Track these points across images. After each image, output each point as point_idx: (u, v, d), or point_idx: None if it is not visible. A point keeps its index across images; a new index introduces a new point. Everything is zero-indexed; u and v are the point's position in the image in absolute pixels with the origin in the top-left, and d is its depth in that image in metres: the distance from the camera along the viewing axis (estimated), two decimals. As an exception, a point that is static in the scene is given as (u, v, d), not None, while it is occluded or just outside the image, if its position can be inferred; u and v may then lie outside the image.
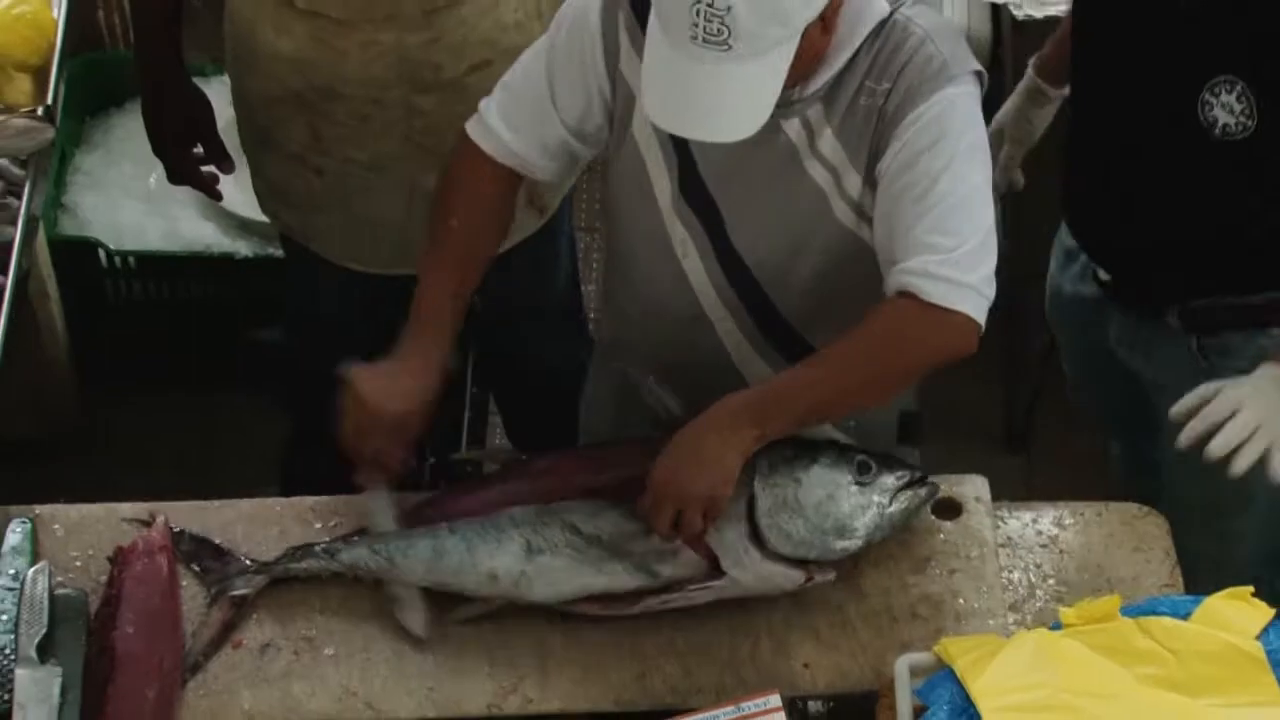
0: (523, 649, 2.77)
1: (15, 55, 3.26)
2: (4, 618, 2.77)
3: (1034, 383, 4.03)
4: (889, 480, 2.78)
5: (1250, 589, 2.45)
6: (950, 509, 2.89)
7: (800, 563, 2.75)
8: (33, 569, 2.81)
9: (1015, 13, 3.55)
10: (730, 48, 2.44)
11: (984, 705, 2.36)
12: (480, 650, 2.78)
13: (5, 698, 2.69)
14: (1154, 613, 2.45)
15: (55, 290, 3.89)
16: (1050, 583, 2.84)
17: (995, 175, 3.25)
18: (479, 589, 2.77)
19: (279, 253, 3.73)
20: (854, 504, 2.75)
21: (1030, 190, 3.31)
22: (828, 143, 2.67)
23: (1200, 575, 3.05)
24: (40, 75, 3.28)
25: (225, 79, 3.38)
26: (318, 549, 2.81)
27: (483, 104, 2.82)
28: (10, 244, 3.11)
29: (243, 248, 3.94)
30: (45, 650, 2.74)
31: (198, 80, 3.41)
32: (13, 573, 2.82)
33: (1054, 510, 2.93)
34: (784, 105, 2.61)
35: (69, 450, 3.82)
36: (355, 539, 2.82)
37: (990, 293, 2.63)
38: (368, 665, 2.77)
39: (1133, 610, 2.46)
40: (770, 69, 2.49)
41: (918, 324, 2.61)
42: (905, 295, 2.59)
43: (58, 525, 2.91)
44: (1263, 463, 2.75)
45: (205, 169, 3.46)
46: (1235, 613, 2.42)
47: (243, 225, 3.92)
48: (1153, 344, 3.12)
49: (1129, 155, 2.93)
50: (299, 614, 2.82)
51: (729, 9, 2.41)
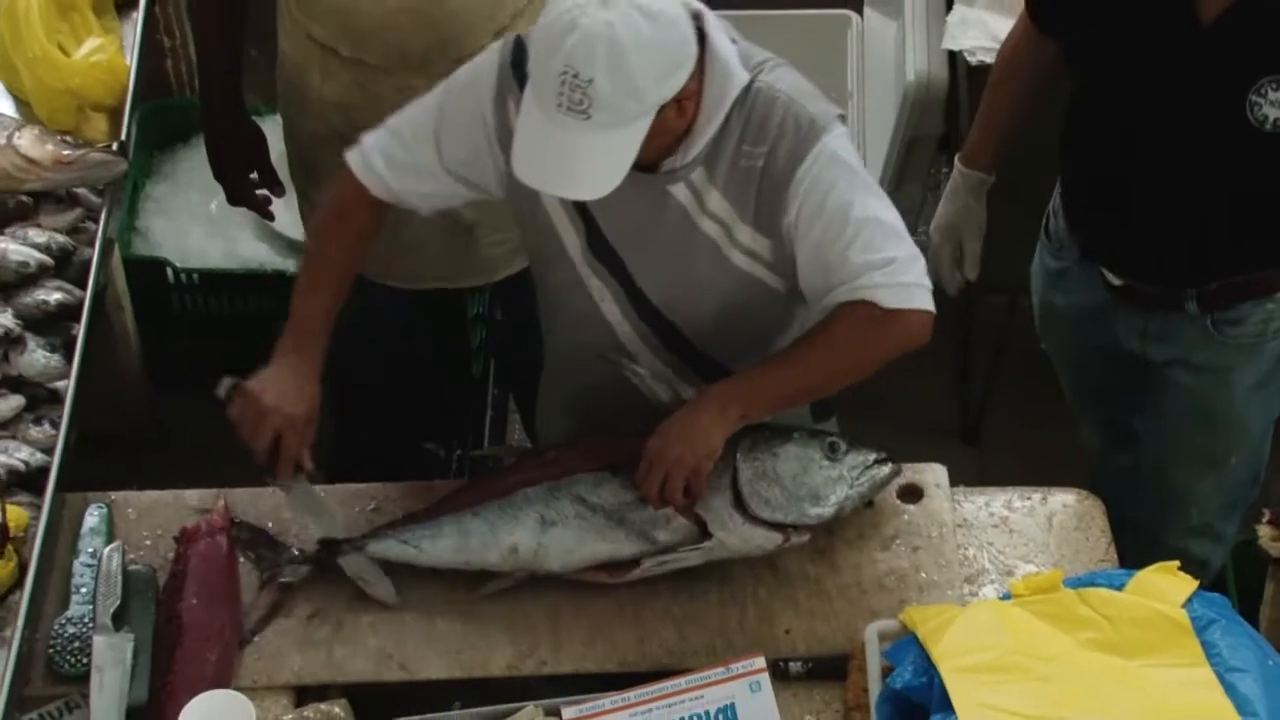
0: (537, 618, 2.78)
1: (92, 97, 3.27)
2: (83, 590, 2.78)
3: (985, 384, 4.02)
4: (856, 459, 2.79)
5: (1177, 563, 2.45)
6: (913, 494, 2.90)
7: (778, 526, 2.75)
8: (108, 548, 2.82)
9: (970, 59, 3.54)
10: (590, 117, 2.42)
11: (944, 666, 2.36)
12: (500, 620, 2.78)
13: (85, 661, 2.71)
14: (1092, 584, 2.45)
15: (129, 303, 3.90)
16: (1001, 558, 2.84)
17: (959, 270, 3.27)
18: (502, 563, 2.78)
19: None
20: (824, 476, 2.77)
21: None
22: (715, 201, 2.65)
23: (1178, 498, 3.29)
24: (115, 115, 3.29)
25: (277, 118, 3.39)
26: (351, 544, 2.82)
27: (367, 140, 2.79)
28: (89, 263, 3.11)
29: (292, 266, 3.93)
30: (119, 619, 2.75)
31: (254, 118, 3.42)
32: (91, 551, 2.83)
33: (1004, 495, 2.93)
34: (669, 173, 2.61)
35: (140, 444, 3.82)
36: (383, 531, 2.83)
37: (930, 284, 2.64)
38: (402, 632, 2.78)
39: (1073, 582, 2.46)
40: (625, 140, 2.46)
41: (880, 326, 2.61)
42: (863, 303, 2.59)
43: (130, 509, 2.92)
44: None
45: (260, 193, 3.47)
46: (1164, 584, 2.42)
47: (292, 246, 3.91)
48: (1167, 329, 3.08)
49: (1159, 161, 2.83)
50: (341, 587, 2.82)
51: (591, 81, 2.39)
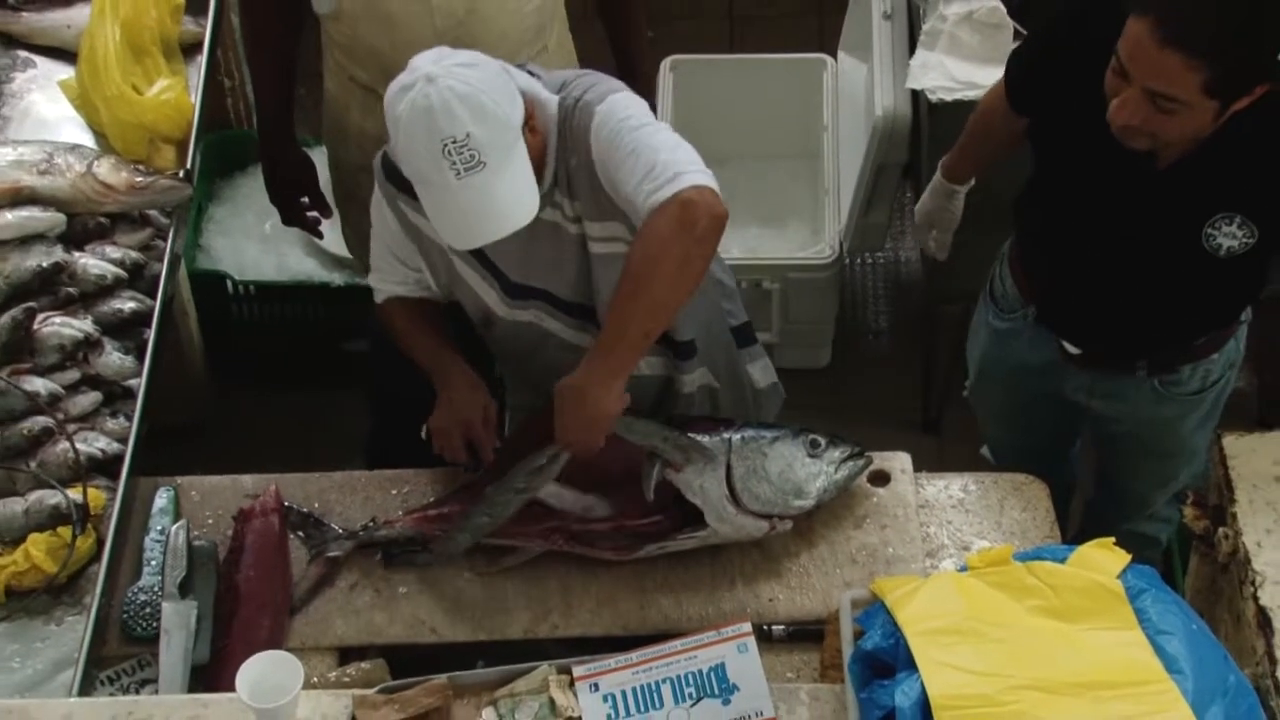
0: (551, 589, 2.78)
1: (162, 130, 3.27)
2: (153, 563, 2.78)
3: (944, 382, 4.02)
4: (834, 454, 2.79)
5: (1112, 540, 2.45)
6: (881, 478, 2.89)
7: (765, 516, 2.75)
8: (175, 526, 2.82)
9: (930, 97, 3.54)
10: (486, 165, 2.42)
11: (909, 629, 2.36)
12: (519, 590, 2.78)
13: (154, 625, 2.71)
14: (1038, 558, 2.45)
15: (193, 311, 3.90)
16: (959, 535, 2.83)
17: (930, 251, 3.26)
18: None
19: (363, 282, 3.73)
20: (807, 472, 2.76)
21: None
22: (572, 208, 2.65)
23: (1134, 498, 3.27)
24: (181, 146, 3.28)
25: (322, 149, 3.39)
26: (382, 527, 2.84)
27: (371, 276, 2.95)
28: (159, 276, 3.11)
29: (336, 278, 3.94)
30: (185, 588, 2.75)
31: (304, 149, 3.41)
32: (160, 528, 2.83)
33: (961, 479, 2.92)
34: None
35: (203, 434, 3.82)
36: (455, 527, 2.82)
37: (701, 165, 2.50)
38: (433, 600, 2.78)
39: (1021, 556, 2.46)
40: (520, 166, 2.48)
41: (675, 217, 2.43)
42: (649, 214, 2.46)
43: (194, 492, 2.92)
44: None
45: (310, 215, 3.47)
46: (1101, 558, 2.42)
47: (336, 261, 3.92)
48: (1117, 389, 3.04)
49: (1122, 275, 2.80)
50: (378, 562, 2.83)
51: (469, 136, 2.41)
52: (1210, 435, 3.10)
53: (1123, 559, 2.41)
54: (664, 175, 2.46)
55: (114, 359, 3.00)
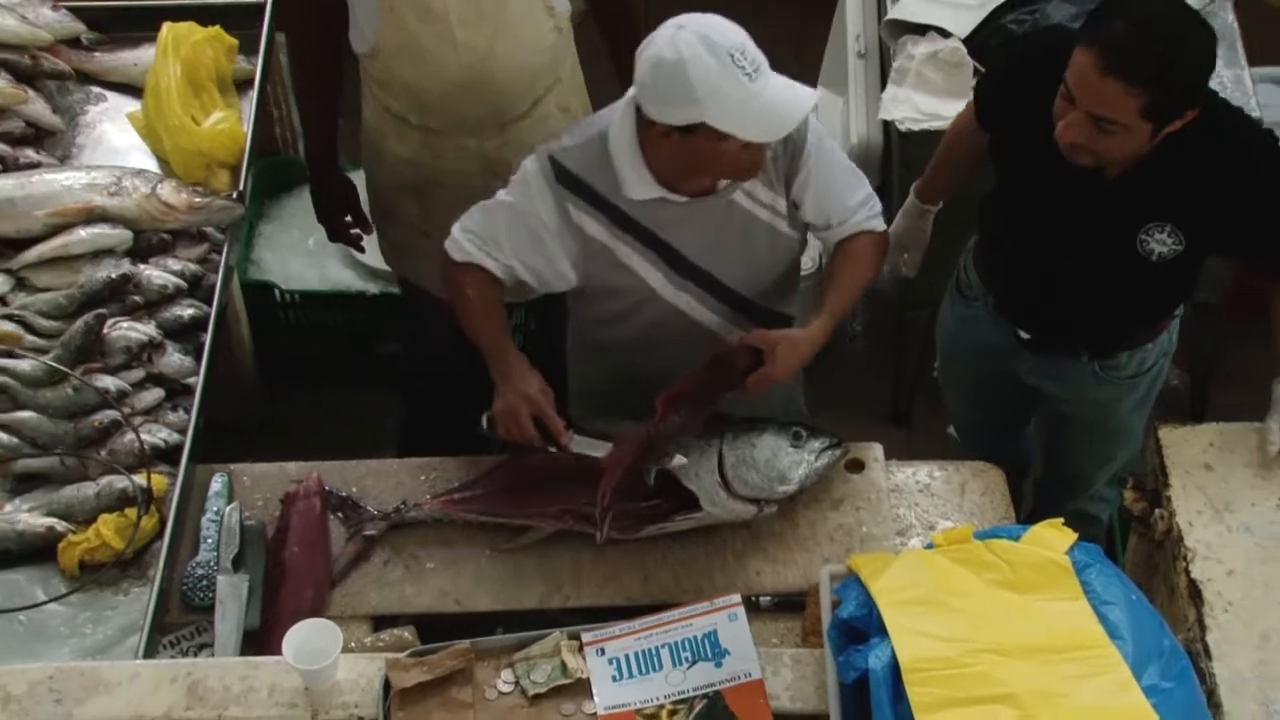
0: (563, 564, 2.78)
1: (218, 156, 3.27)
2: (209, 541, 2.78)
3: (912, 379, 4.01)
4: (815, 444, 2.79)
5: (1061, 520, 2.45)
6: (856, 465, 2.88)
7: (754, 500, 2.75)
8: (229, 508, 2.82)
9: (900, 128, 3.54)
10: (761, 66, 2.46)
11: (881, 600, 2.36)
12: (534, 565, 2.78)
13: (211, 595, 2.71)
14: (995, 536, 2.45)
15: (245, 317, 3.90)
16: (925, 516, 2.83)
17: (899, 271, 3.26)
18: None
19: (396, 291, 3.74)
20: (791, 460, 2.76)
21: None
22: (760, 191, 2.68)
23: (1079, 477, 3.27)
24: (235, 171, 3.28)
25: (361, 172, 3.39)
26: (412, 509, 2.82)
27: (456, 232, 2.76)
28: (214, 285, 3.11)
29: (371, 288, 3.94)
30: (237, 563, 2.75)
31: (346, 173, 3.41)
32: (215, 510, 2.83)
33: (927, 467, 2.92)
34: (728, 186, 2.64)
35: (253, 427, 3.82)
36: (428, 501, 2.83)
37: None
38: (457, 574, 2.77)
39: (980, 535, 2.46)
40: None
41: (883, 244, 2.82)
42: (866, 232, 2.77)
43: (245, 478, 2.92)
44: None
45: (352, 232, 3.47)
46: (1051, 536, 2.42)
47: (371, 273, 3.91)
48: (1063, 371, 3.05)
49: (1068, 274, 2.82)
50: (409, 539, 2.82)
51: (744, 44, 2.44)
52: (1145, 419, 3.14)
53: (1070, 537, 2.41)
54: (876, 209, 2.80)
55: (175, 359, 3.00)
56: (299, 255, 4.03)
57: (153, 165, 3.29)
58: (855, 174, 2.79)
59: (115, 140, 3.37)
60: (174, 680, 2.45)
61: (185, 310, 3.06)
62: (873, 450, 2.92)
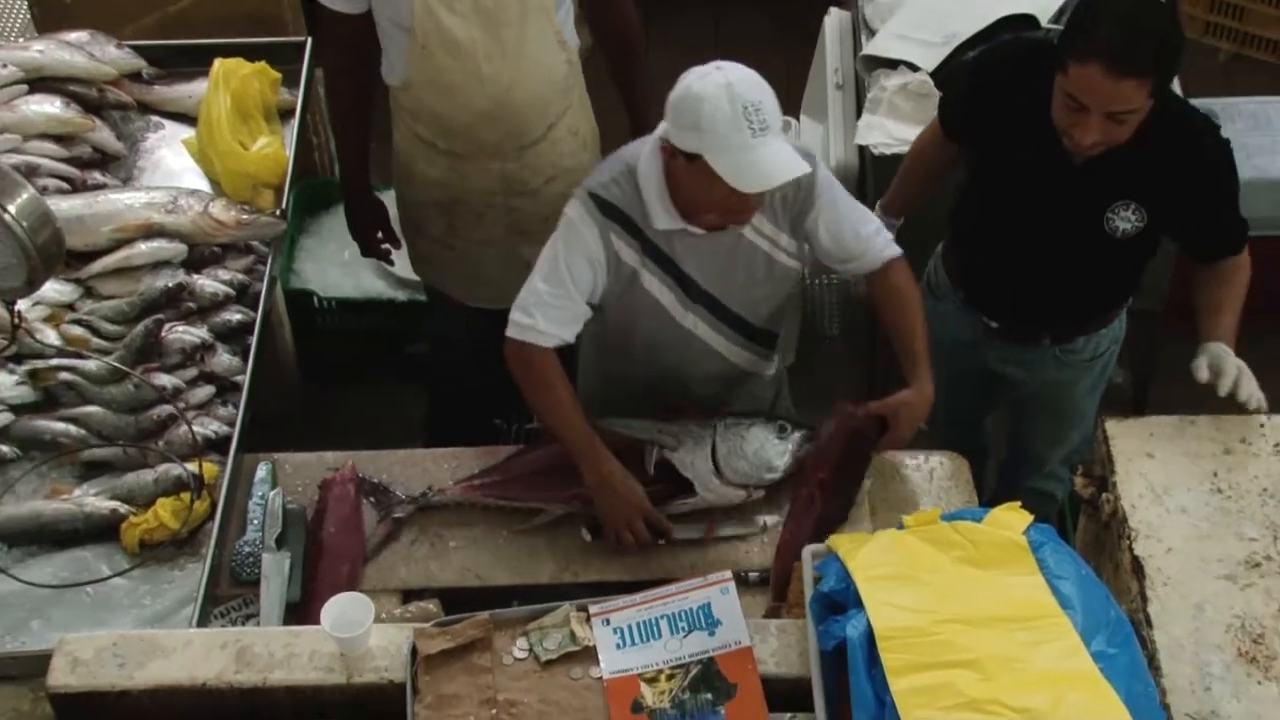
0: (572, 543, 2.77)
1: (263, 178, 3.27)
2: (255, 522, 2.78)
3: (885, 374, 3.99)
4: (798, 436, 2.78)
5: (1019, 503, 2.44)
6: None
7: (743, 486, 2.75)
8: (272, 493, 2.82)
9: (874, 152, 3.54)
10: (769, 129, 2.43)
11: (858, 575, 2.35)
12: (546, 544, 2.78)
13: (256, 571, 2.72)
14: (960, 518, 2.44)
15: (287, 321, 3.90)
16: (897, 500, 2.81)
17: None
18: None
19: (422, 298, 3.73)
20: (776, 450, 2.75)
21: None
22: (766, 226, 2.67)
23: (1036, 458, 3.27)
24: (278, 191, 3.28)
25: (391, 192, 3.38)
26: (436, 494, 2.82)
27: (523, 319, 2.65)
28: (260, 293, 3.11)
29: (400, 295, 3.93)
30: (280, 542, 2.76)
31: (378, 193, 3.41)
32: (260, 495, 2.83)
33: (898, 455, 2.90)
34: (740, 223, 2.62)
35: (294, 420, 3.81)
36: (451, 487, 2.82)
37: None
38: (478, 552, 2.77)
39: (947, 516, 2.45)
40: (785, 142, 2.50)
41: (908, 267, 2.78)
42: (893, 260, 2.76)
43: (287, 466, 2.91)
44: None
45: (384, 247, 3.45)
46: (1010, 518, 2.40)
47: (400, 282, 3.91)
48: (1027, 356, 3.07)
49: (1037, 255, 2.82)
50: (434, 521, 2.82)
51: (761, 103, 2.42)
52: (1096, 404, 3.16)
53: (1026, 519, 2.40)
54: (889, 235, 2.78)
55: (224, 360, 3.00)
56: (335, 266, 4.03)
57: (205, 186, 3.29)
58: (861, 208, 2.76)
59: (172, 164, 3.37)
60: (224, 647, 2.45)
61: (234, 315, 3.06)
62: (849, 441, 2.90)
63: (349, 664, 2.42)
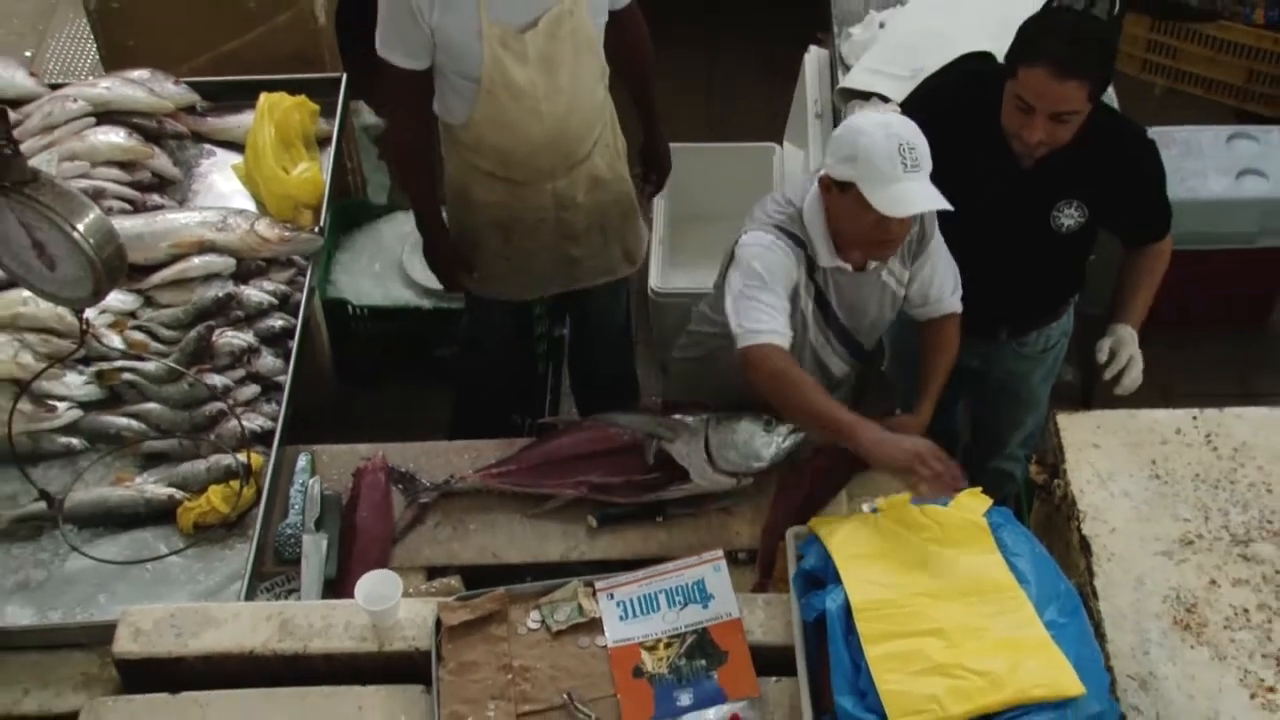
0: (579, 525, 2.76)
1: (303, 199, 3.26)
2: (296, 507, 2.78)
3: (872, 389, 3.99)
4: (783, 430, 2.76)
5: (980, 488, 2.43)
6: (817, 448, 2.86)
7: (734, 474, 2.73)
8: (312, 480, 2.82)
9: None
10: (920, 169, 2.43)
11: (837, 554, 2.34)
12: (556, 526, 2.77)
13: (297, 550, 2.71)
14: (928, 503, 2.43)
15: (324, 327, 3.88)
16: (873, 486, 2.79)
17: None
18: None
19: (446, 306, 3.72)
20: (763, 442, 2.73)
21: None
22: (895, 266, 2.67)
23: (997, 441, 3.27)
24: (316, 211, 3.27)
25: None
26: (458, 481, 2.80)
27: (752, 325, 2.51)
28: (300, 302, 3.10)
29: (426, 304, 3.91)
30: (318, 525, 2.75)
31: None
32: (301, 482, 2.82)
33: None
34: (878, 267, 2.63)
35: (331, 415, 3.80)
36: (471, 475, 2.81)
37: None
38: (494, 534, 2.76)
39: (916, 501, 2.44)
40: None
41: (959, 322, 2.77)
42: (953, 314, 2.75)
43: (324, 456, 2.91)
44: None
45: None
46: (972, 503, 2.40)
47: (426, 292, 3.89)
48: (988, 350, 3.07)
49: (993, 254, 2.79)
50: (456, 506, 2.81)
51: (914, 145, 2.42)
52: (1049, 392, 3.18)
53: (987, 502, 2.39)
54: (960, 291, 2.76)
55: (268, 361, 2.99)
56: (367, 278, 4.01)
57: (251, 206, 3.28)
58: (953, 265, 2.73)
59: (222, 187, 3.36)
60: (269, 618, 2.44)
61: (277, 322, 3.05)
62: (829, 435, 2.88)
63: (380, 634, 2.41)
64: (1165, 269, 2.86)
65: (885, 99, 3.58)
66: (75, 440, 2.84)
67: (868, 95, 3.62)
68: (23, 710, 2.46)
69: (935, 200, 2.45)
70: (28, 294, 2.75)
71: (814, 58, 3.99)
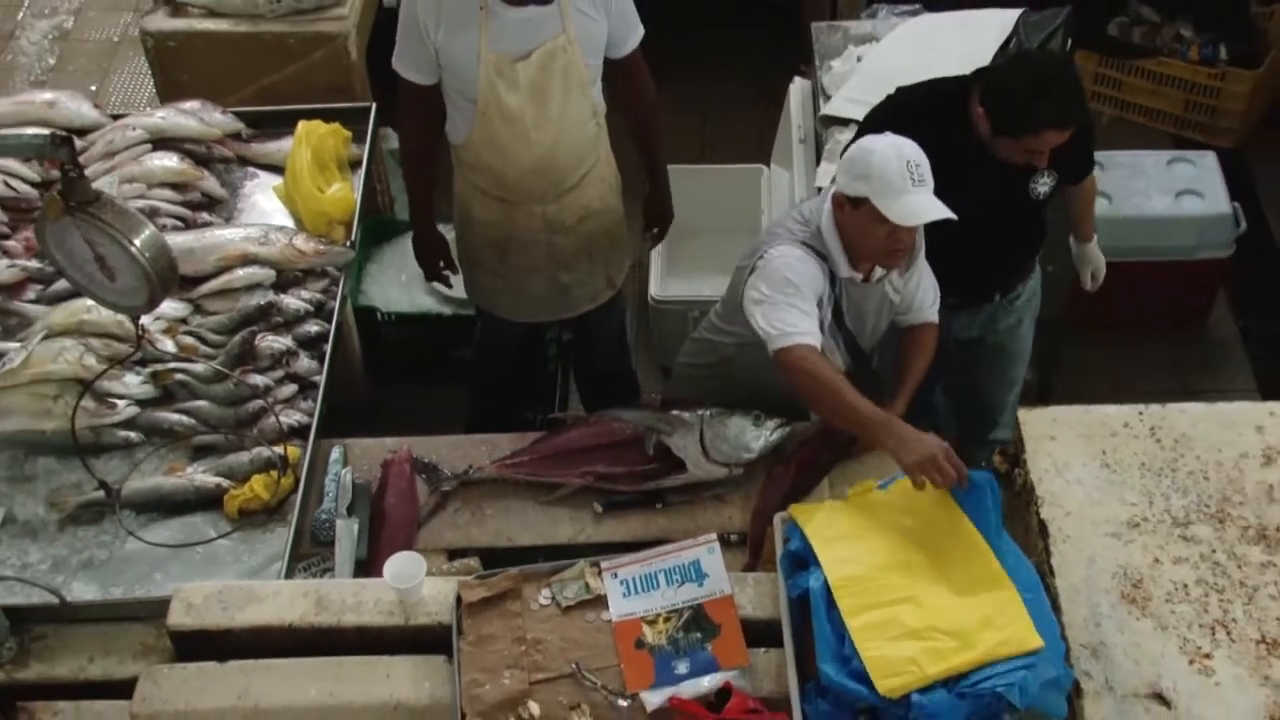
0: (586, 510, 2.76)
1: (335, 215, 3.25)
2: (330, 494, 2.77)
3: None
4: (771, 424, 2.75)
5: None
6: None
7: (726, 465, 2.72)
8: (344, 470, 2.81)
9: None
10: (925, 184, 2.46)
11: (814, 538, 2.34)
12: (565, 511, 2.76)
13: (332, 533, 2.70)
14: (892, 481, 2.42)
15: (355, 332, 3.88)
16: (851, 475, 2.78)
17: None
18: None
19: (466, 313, 3.71)
20: (753, 435, 2.73)
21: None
22: (895, 278, 2.68)
23: (993, 407, 3.32)
24: (348, 227, 3.26)
25: (449, 226, 3.33)
26: (476, 471, 2.79)
27: (787, 327, 2.48)
28: (334, 309, 3.09)
29: (447, 311, 3.90)
30: (350, 511, 2.74)
31: (439, 229, 3.35)
32: (334, 472, 2.81)
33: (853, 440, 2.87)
34: (880, 279, 2.65)
35: (362, 412, 3.78)
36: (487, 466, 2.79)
37: None
38: (508, 518, 2.76)
39: (882, 485, 2.43)
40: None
41: (936, 330, 2.81)
42: (930, 322, 2.79)
43: (356, 448, 2.90)
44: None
45: (445, 273, 3.40)
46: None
47: (446, 299, 3.89)
48: (984, 315, 3.13)
49: (984, 234, 2.77)
50: (474, 494, 2.80)
51: (920, 163, 2.46)
52: (1032, 339, 3.28)
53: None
54: (938, 302, 2.79)
55: (305, 363, 2.99)
56: (395, 287, 4.01)
57: (289, 223, 3.27)
58: (935, 282, 2.78)
59: (264, 205, 3.34)
60: (306, 595, 2.44)
61: (312, 327, 3.05)
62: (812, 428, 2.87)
63: (406, 609, 2.41)
64: (1095, 186, 3.18)
65: (862, 125, 3.57)
66: (133, 434, 2.84)
67: (847, 121, 3.61)
68: (88, 675, 2.47)
69: (940, 210, 2.48)
70: (91, 303, 2.76)
71: (798, 88, 3.98)
